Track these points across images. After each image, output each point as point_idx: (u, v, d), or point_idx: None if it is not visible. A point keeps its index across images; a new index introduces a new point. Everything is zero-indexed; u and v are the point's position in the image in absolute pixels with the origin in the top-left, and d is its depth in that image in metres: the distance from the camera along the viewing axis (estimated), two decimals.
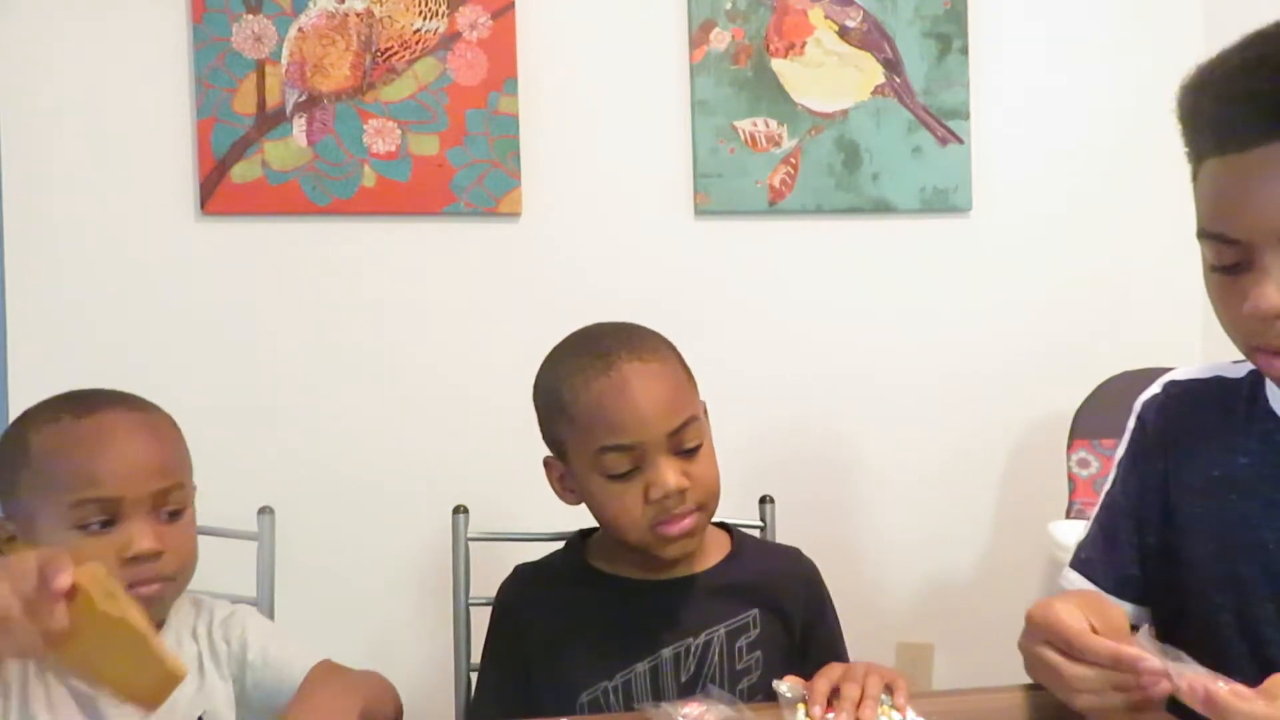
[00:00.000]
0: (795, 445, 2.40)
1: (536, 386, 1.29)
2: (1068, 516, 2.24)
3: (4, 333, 2.15)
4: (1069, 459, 2.28)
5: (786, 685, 1.04)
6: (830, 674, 1.05)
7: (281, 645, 1.20)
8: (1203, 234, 0.94)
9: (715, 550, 1.32)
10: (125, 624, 0.87)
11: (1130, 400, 1.18)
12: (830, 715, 1.00)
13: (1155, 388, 1.16)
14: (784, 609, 1.30)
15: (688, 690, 1.21)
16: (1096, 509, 1.18)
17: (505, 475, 1.91)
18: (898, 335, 2.45)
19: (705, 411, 1.29)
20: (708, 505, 1.24)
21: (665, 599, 1.27)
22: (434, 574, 2.04)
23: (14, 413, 2.16)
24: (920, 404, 2.45)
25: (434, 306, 2.29)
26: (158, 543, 1.07)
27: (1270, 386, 1.05)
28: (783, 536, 1.51)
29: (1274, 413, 1.04)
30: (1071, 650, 0.88)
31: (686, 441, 1.21)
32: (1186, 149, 0.98)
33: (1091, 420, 2.28)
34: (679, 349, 1.29)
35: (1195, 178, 0.97)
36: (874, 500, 2.45)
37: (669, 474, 1.19)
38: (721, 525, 1.35)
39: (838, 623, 1.35)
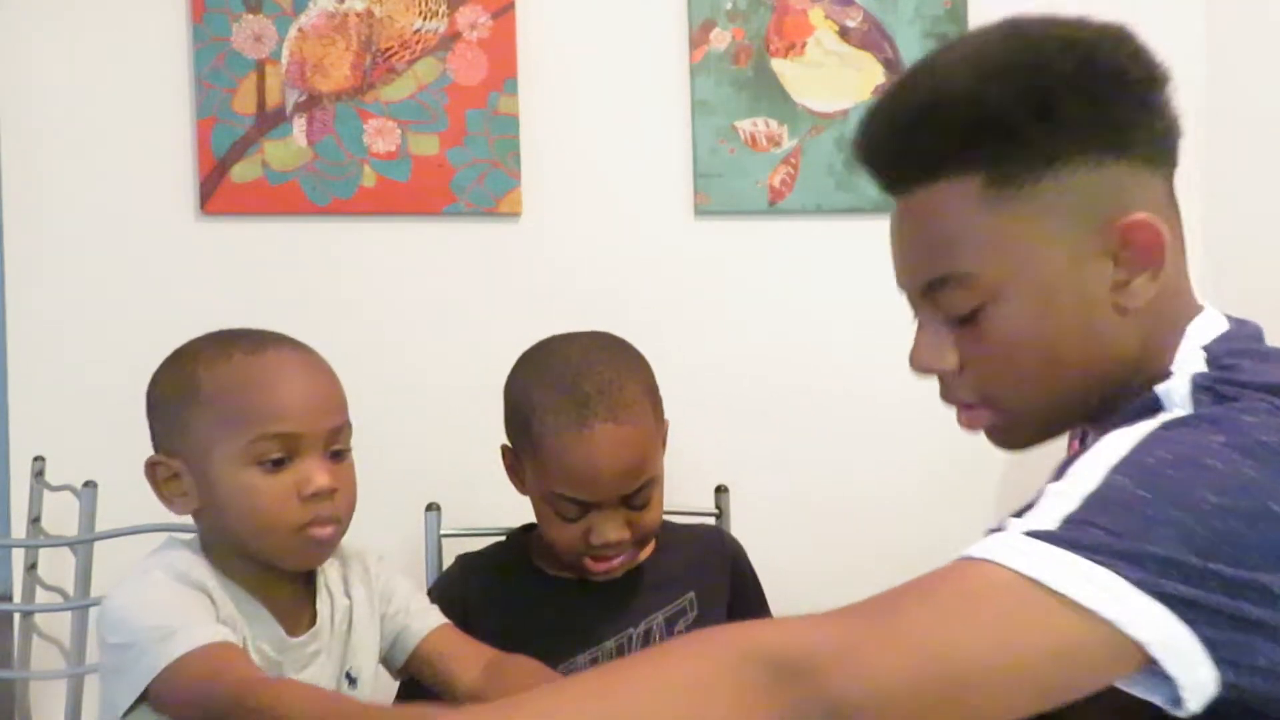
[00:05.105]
0: (792, 446, 2.40)
1: (509, 392, 1.33)
2: None
3: (4, 333, 2.15)
4: None
5: None
6: None
7: (420, 599, 1.22)
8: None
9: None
10: None
11: None
12: None
13: None
14: (714, 588, 1.36)
15: None
16: None
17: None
18: (898, 336, 2.43)
19: (664, 438, 1.31)
20: (644, 543, 1.30)
21: (605, 595, 1.31)
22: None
23: (14, 412, 2.18)
24: (920, 405, 2.44)
25: (434, 306, 2.28)
26: (333, 480, 1.05)
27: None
28: (779, 540, 1.53)
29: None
30: None
31: (638, 501, 1.25)
32: None
33: None
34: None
35: None
36: (872, 502, 2.44)
37: (612, 530, 1.24)
38: None
39: (763, 598, 1.42)
